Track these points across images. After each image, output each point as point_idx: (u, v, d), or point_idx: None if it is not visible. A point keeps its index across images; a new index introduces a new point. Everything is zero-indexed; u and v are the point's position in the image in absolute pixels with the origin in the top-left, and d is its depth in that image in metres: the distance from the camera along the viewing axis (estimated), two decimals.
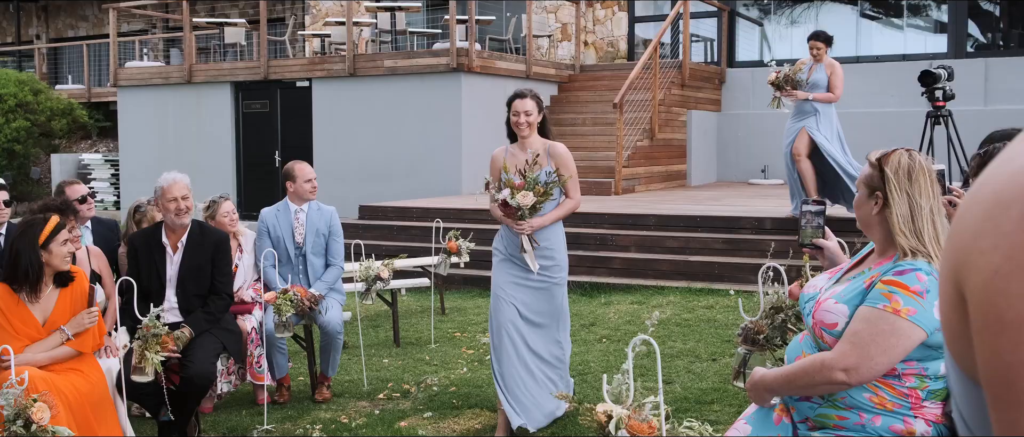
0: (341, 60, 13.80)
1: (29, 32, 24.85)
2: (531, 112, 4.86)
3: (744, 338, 3.41)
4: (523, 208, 4.62)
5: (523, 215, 4.67)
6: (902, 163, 2.60)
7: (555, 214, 4.87)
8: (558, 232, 4.96)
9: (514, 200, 4.60)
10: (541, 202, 4.68)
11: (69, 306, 4.12)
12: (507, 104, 4.97)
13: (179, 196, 4.80)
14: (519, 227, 4.71)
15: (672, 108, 13.82)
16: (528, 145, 4.87)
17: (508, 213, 4.69)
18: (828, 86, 8.38)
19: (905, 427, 2.56)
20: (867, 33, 15.05)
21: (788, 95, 8.39)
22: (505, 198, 4.62)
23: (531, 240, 4.75)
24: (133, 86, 15.84)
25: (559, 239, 4.96)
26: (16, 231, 4.14)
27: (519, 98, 4.91)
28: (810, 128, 8.34)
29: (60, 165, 18.40)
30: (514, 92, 4.99)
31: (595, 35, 16.59)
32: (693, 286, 8.49)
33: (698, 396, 5.33)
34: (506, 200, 4.62)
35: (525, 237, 4.73)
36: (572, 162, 4.90)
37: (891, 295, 2.50)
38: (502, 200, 4.65)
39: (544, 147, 4.88)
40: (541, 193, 4.65)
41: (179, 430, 4.79)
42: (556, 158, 4.85)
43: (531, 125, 4.88)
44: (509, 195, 4.61)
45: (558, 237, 4.96)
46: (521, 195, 4.58)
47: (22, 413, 3.17)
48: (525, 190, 4.61)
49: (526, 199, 4.58)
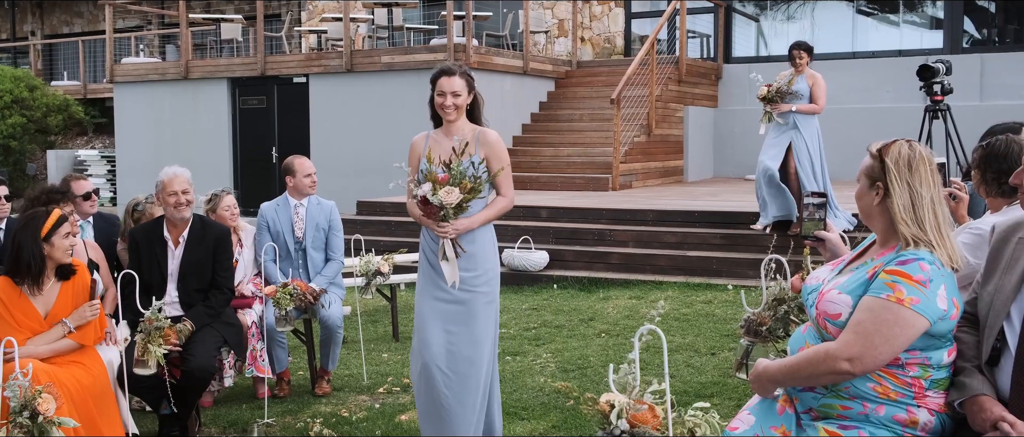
0: (338, 56, 13.80)
1: (24, 28, 24.78)
2: (459, 92, 4.14)
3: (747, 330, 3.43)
4: (446, 207, 3.92)
5: (446, 215, 3.97)
6: (902, 153, 2.61)
7: (484, 215, 4.14)
8: (487, 237, 4.22)
9: (436, 197, 3.90)
10: (468, 200, 3.98)
11: (71, 299, 4.12)
12: (431, 81, 4.23)
13: (179, 190, 4.81)
14: (441, 230, 4.01)
15: (669, 104, 13.84)
16: (454, 131, 4.18)
17: (429, 212, 4.00)
18: (810, 97, 8.32)
19: (908, 416, 2.58)
20: (863, 29, 15.08)
21: (778, 108, 8.29)
22: (425, 194, 3.93)
23: (454, 246, 4.05)
24: (129, 82, 15.81)
25: (488, 246, 4.22)
26: (18, 224, 4.14)
27: (445, 75, 4.17)
28: (797, 148, 8.25)
29: (56, 161, 18.37)
30: (439, 68, 4.24)
31: (592, 31, 16.60)
32: (691, 281, 8.51)
33: (698, 390, 5.35)
34: (426, 196, 3.93)
35: (448, 242, 4.03)
36: (505, 152, 4.23)
37: (894, 285, 2.51)
38: (422, 196, 3.95)
39: (473, 134, 4.19)
40: (468, 189, 3.95)
41: (180, 423, 4.80)
42: (487, 147, 4.17)
43: (458, 108, 4.17)
44: (430, 190, 3.92)
45: (487, 243, 4.22)
46: (445, 191, 3.89)
47: (28, 404, 3.18)
48: (450, 185, 3.91)
49: (450, 196, 3.89)
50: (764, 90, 8.35)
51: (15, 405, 3.19)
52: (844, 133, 12.67)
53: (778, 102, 8.31)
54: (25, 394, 3.18)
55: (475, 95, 4.26)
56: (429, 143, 4.21)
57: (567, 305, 8.00)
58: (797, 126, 8.31)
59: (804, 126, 8.33)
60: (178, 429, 4.81)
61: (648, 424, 2.35)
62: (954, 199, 3.62)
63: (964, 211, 3.64)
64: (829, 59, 14.48)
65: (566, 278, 8.93)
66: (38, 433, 3.20)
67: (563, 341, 6.75)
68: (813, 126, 8.39)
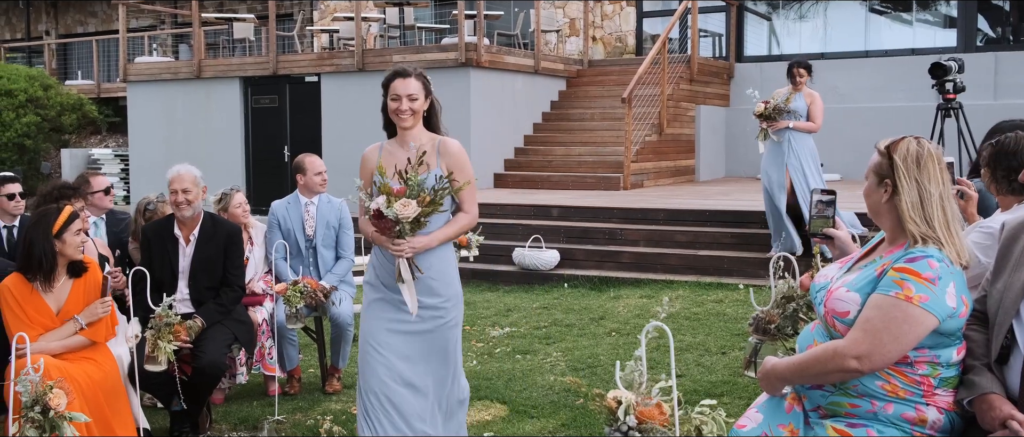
0: (349, 55, 13.83)
1: (39, 28, 24.94)
2: (416, 95, 3.77)
3: (756, 328, 3.42)
4: (403, 222, 3.54)
5: (402, 231, 3.58)
6: (910, 150, 2.60)
7: (445, 233, 3.77)
8: (448, 258, 3.87)
9: (391, 210, 3.52)
10: (427, 214, 3.59)
11: (82, 296, 4.15)
12: (383, 86, 3.85)
13: (180, 189, 4.83)
14: (396, 248, 3.62)
15: (680, 103, 13.82)
16: (410, 139, 3.80)
17: (383, 228, 3.60)
18: (808, 115, 8.20)
19: (917, 414, 2.57)
20: (876, 28, 15.01)
21: (774, 126, 8.16)
22: (379, 207, 3.55)
23: (411, 267, 3.66)
24: (142, 81, 15.90)
25: (449, 267, 3.86)
26: (30, 221, 4.17)
27: (400, 77, 3.79)
28: (792, 167, 8.14)
29: (70, 160, 18.48)
30: (393, 70, 3.85)
31: (603, 30, 16.58)
32: (702, 280, 8.49)
33: (708, 389, 5.34)
34: (380, 210, 3.55)
35: (404, 262, 3.63)
36: (469, 164, 3.83)
37: (903, 282, 2.50)
38: (375, 210, 3.57)
39: (432, 143, 3.81)
40: (428, 202, 3.57)
41: (191, 420, 4.83)
42: (448, 158, 3.79)
43: (415, 113, 3.79)
44: (384, 203, 3.54)
45: (448, 264, 3.85)
46: (400, 204, 3.51)
47: (40, 399, 3.21)
48: (406, 197, 3.54)
49: (407, 209, 3.51)
50: (761, 107, 8.19)
51: (27, 400, 3.22)
52: (856, 132, 12.62)
53: (775, 119, 8.16)
54: (36, 389, 3.21)
55: (432, 100, 3.88)
56: (382, 155, 3.85)
57: (577, 304, 8.00)
58: (791, 144, 8.14)
59: (799, 145, 8.15)
60: (189, 425, 4.84)
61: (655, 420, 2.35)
62: (963, 197, 3.61)
63: (974, 209, 3.62)
64: (842, 58, 14.44)
65: (577, 277, 8.93)
66: (50, 428, 3.23)
67: (573, 340, 6.75)
68: (808, 145, 8.22)
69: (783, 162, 8.22)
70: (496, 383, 5.66)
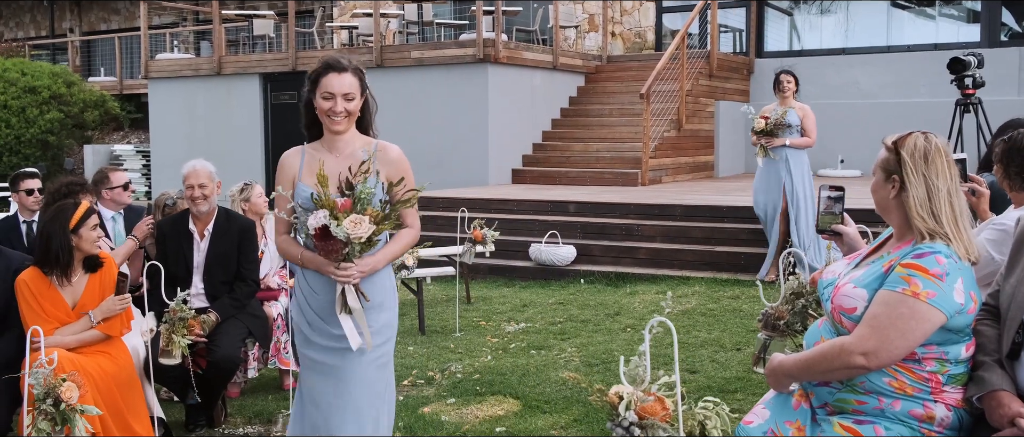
0: (368, 51, 13.87)
1: (63, 25, 25.20)
2: (352, 94, 3.20)
3: (765, 324, 3.41)
4: (354, 242, 2.99)
5: (351, 254, 3.03)
6: (918, 146, 2.58)
7: (390, 251, 3.26)
8: (388, 282, 3.35)
9: (340, 229, 2.96)
10: (380, 232, 3.07)
11: (98, 291, 4.19)
12: (310, 80, 3.25)
13: (195, 184, 4.88)
14: (342, 274, 3.06)
15: (700, 99, 13.76)
16: (342, 145, 3.25)
17: (328, 249, 3.04)
18: (802, 130, 8.00)
19: (925, 411, 2.55)
20: (899, 23, 14.88)
21: (771, 142, 7.95)
22: (325, 225, 2.98)
23: (359, 294, 3.12)
24: (164, 78, 16.03)
25: (389, 292, 3.35)
26: (47, 215, 4.22)
27: (334, 71, 3.19)
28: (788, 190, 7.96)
29: (93, 156, 18.67)
30: (324, 61, 3.23)
31: (622, 26, 16.53)
32: (719, 277, 8.46)
33: (722, 385, 5.33)
34: (327, 228, 2.98)
35: (350, 289, 3.09)
36: (411, 172, 3.30)
37: (910, 278, 2.48)
38: (319, 228, 3.00)
39: (368, 148, 3.23)
40: (380, 219, 3.03)
41: (206, 413, 4.87)
42: (389, 166, 3.25)
43: (350, 115, 3.22)
44: (329, 220, 2.98)
45: (388, 289, 3.34)
46: (350, 221, 2.96)
47: (52, 392, 3.25)
48: (355, 213, 2.98)
49: (359, 228, 2.95)
50: (762, 123, 7.95)
51: (39, 392, 3.26)
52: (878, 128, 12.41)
53: (776, 135, 7.94)
54: (49, 382, 3.24)
55: (367, 97, 3.31)
56: (306, 161, 3.26)
57: (593, 300, 8.00)
58: (789, 164, 7.94)
59: (795, 163, 7.96)
60: (204, 418, 4.89)
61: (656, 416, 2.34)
62: (974, 194, 3.57)
63: (985, 206, 3.58)
64: (864, 53, 14.33)
65: (593, 273, 8.92)
66: (62, 420, 3.26)
67: (588, 336, 6.74)
68: (804, 163, 8.05)
69: (779, 184, 8.00)
70: (510, 378, 5.66)
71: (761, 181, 8.19)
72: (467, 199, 10.25)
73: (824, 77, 14.25)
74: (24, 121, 17.90)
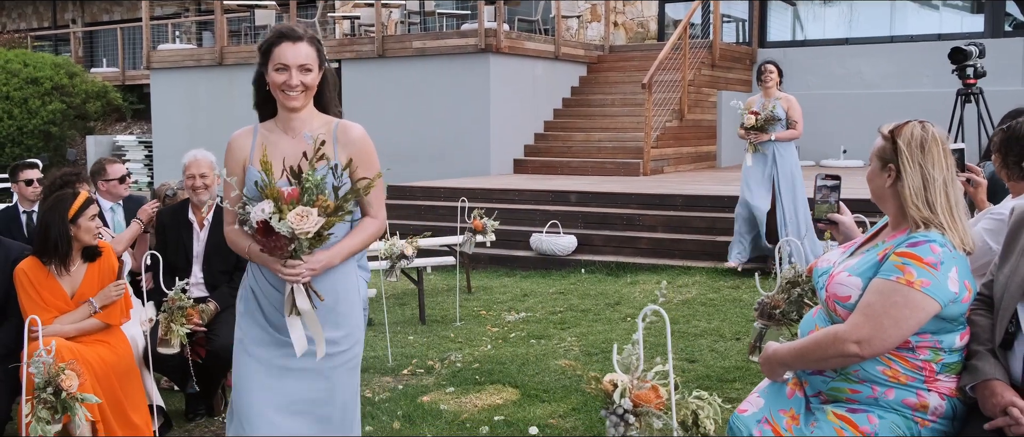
0: (370, 41, 13.87)
1: (65, 16, 25.21)
2: (309, 66, 2.87)
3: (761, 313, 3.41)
4: (300, 238, 2.63)
5: (298, 250, 2.68)
6: (915, 135, 2.58)
7: (349, 245, 2.90)
8: (350, 277, 2.99)
9: (283, 223, 2.61)
10: (332, 225, 2.71)
11: (97, 280, 4.20)
12: (261, 51, 2.92)
13: (197, 173, 4.89)
14: (290, 272, 2.73)
15: (702, 89, 13.74)
16: (298, 124, 2.94)
17: (272, 246, 2.69)
18: (787, 122, 7.95)
19: (919, 400, 2.55)
20: (902, 13, 14.83)
21: (758, 138, 7.89)
22: (266, 219, 2.64)
23: (309, 294, 2.78)
24: (166, 69, 16.03)
25: (352, 290, 2.99)
26: (46, 205, 4.24)
27: (288, 41, 2.86)
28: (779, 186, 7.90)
29: (95, 147, 18.70)
30: (276, 30, 2.91)
31: (625, 15, 16.50)
32: (719, 266, 8.46)
33: (720, 374, 5.33)
34: (269, 222, 2.63)
35: (299, 289, 2.75)
36: (375, 155, 2.98)
37: (904, 267, 2.49)
38: (261, 223, 2.66)
39: (328, 128, 2.94)
40: (332, 210, 2.68)
41: (206, 402, 4.89)
42: (350, 147, 2.93)
43: (307, 89, 2.90)
44: (273, 213, 2.63)
45: (350, 286, 2.98)
46: (296, 214, 2.60)
47: (52, 381, 3.26)
48: (303, 204, 2.64)
49: (305, 222, 2.60)
50: (752, 119, 7.87)
51: (39, 381, 3.28)
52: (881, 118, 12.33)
53: (765, 130, 7.88)
54: (49, 371, 3.26)
55: (326, 71, 2.96)
56: (258, 142, 2.94)
57: (594, 289, 8.01)
58: (776, 158, 7.89)
59: (783, 158, 7.91)
60: (204, 408, 4.90)
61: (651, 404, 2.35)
62: (972, 184, 3.57)
63: (983, 196, 3.58)
64: (867, 43, 14.28)
65: (594, 262, 8.92)
66: (62, 409, 3.28)
67: (588, 325, 6.75)
68: (792, 156, 8.00)
69: (768, 179, 7.93)
70: (509, 367, 5.67)
71: (751, 177, 8.07)
72: (468, 189, 10.25)
73: (827, 67, 14.22)
74: (26, 112, 17.93)
